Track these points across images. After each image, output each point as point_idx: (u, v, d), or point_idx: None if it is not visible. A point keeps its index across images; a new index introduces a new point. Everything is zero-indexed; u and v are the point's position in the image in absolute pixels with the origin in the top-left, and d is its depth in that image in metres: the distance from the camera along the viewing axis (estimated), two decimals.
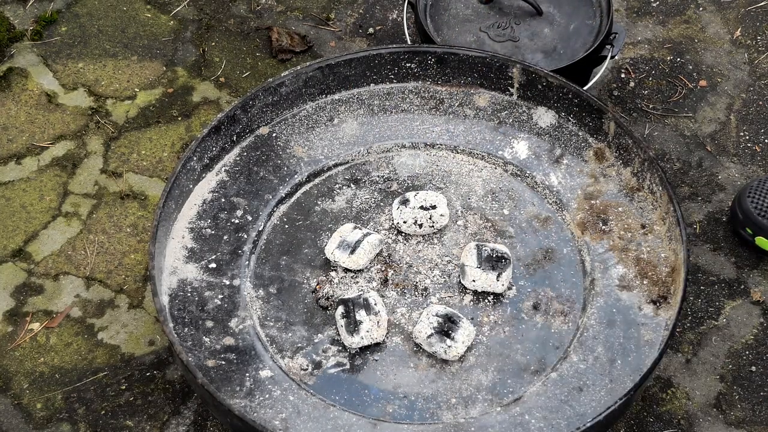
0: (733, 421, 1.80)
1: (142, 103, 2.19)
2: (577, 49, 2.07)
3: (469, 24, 2.12)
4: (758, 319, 1.90)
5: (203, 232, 1.83)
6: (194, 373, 1.58)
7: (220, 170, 1.90)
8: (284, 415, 1.65)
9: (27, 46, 2.27)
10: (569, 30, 2.10)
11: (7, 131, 2.15)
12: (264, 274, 1.80)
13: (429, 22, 2.10)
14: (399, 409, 1.66)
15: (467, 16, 2.14)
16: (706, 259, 1.97)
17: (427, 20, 2.10)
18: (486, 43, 2.10)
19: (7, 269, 1.96)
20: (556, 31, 2.11)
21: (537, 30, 2.11)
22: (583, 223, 1.84)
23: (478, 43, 2.09)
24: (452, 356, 1.70)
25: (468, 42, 2.09)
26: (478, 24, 2.12)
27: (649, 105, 2.19)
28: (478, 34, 2.10)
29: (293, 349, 1.72)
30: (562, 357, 1.71)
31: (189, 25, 2.32)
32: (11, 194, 2.06)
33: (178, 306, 1.75)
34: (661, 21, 2.33)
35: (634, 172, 1.86)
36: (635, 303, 1.75)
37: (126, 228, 2.01)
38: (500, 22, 2.12)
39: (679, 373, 1.84)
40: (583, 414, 1.64)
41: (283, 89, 1.92)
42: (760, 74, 2.24)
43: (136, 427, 1.79)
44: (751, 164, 2.10)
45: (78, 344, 1.87)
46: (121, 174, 2.08)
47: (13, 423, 1.79)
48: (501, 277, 1.75)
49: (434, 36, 2.06)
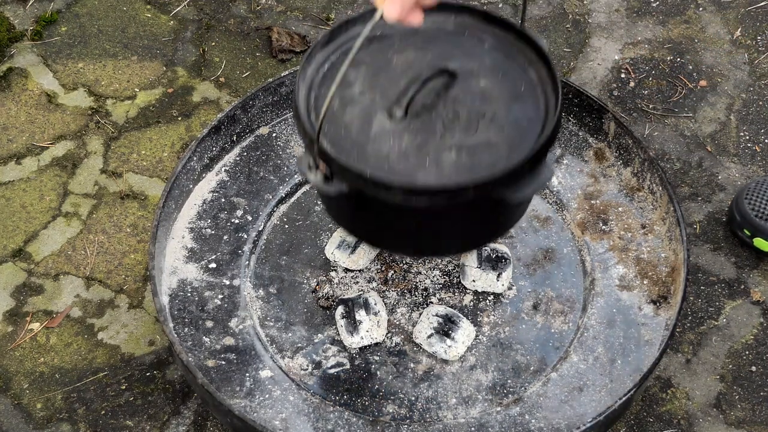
0: (733, 421, 1.80)
1: (142, 103, 2.19)
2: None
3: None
4: (758, 319, 1.90)
5: (203, 232, 1.83)
6: (194, 373, 1.58)
7: (220, 170, 1.90)
8: (284, 415, 1.65)
9: (27, 46, 2.27)
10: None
11: (7, 131, 2.14)
12: (264, 274, 1.80)
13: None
14: (399, 409, 1.66)
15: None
16: (706, 259, 1.97)
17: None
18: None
19: (7, 269, 1.96)
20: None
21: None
22: (583, 223, 1.84)
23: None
24: (452, 356, 1.70)
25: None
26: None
27: (649, 105, 2.19)
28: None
29: (293, 349, 1.72)
30: (562, 357, 1.71)
31: (189, 25, 2.32)
32: (11, 194, 2.06)
33: (178, 306, 1.75)
34: (661, 21, 2.33)
35: (634, 172, 1.86)
36: (635, 303, 1.75)
37: (126, 228, 2.01)
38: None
39: (679, 373, 1.84)
40: (583, 414, 1.64)
41: (283, 89, 1.92)
42: (760, 74, 2.24)
43: (136, 427, 1.79)
44: (751, 164, 2.10)
45: (78, 344, 1.87)
46: (121, 174, 2.08)
47: (13, 423, 1.79)
48: (501, 277, 1.75)
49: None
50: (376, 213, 1.51)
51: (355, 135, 1.47)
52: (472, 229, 1.57)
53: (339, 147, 1.45)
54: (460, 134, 1.47)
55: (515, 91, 1.53)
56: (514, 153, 1.45)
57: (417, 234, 1.56)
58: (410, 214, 1.48)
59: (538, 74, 1.54)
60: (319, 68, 1.55)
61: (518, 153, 1.45)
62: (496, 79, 1.54)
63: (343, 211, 1.58)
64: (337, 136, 1.47)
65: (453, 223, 1.53)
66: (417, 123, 1.48)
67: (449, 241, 1.60)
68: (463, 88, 1.52)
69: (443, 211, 1.46)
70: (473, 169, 1.43)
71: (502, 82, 1.54)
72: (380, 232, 1.58)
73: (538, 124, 1.49)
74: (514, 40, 1.58)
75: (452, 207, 1.44)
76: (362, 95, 1.51)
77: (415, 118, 1.48)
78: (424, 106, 1.49)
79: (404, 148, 1.45)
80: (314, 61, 1.55)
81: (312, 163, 1.44)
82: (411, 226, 1.54)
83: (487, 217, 1.55)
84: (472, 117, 1.49)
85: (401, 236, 1.58)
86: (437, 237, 1.57)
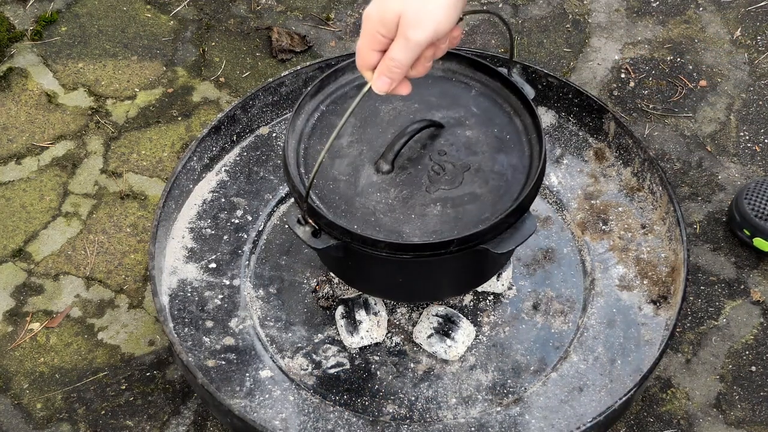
0: (733, 421, 1.80)
1: (142, 103, 2.19)
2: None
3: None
4: (758, 319, 1.90)
5: (203, 232, 1.83)
6: (194, 373, 1.58)
7: (220, 170, 1.90)
8: (284, 415, 1.65)
9: (27, 46, 2.27)
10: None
11: (7, 131, 2.14)
12: (264, 274, 1.80)
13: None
14: (399, 409, 1.66)
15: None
16: (706, 259, 1.97)
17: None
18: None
19: (7, 269, 1.96)
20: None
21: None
22: (583, 223, 1.84)
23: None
24: (452, 356, 1.70)
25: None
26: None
27: (649, 105, 2.19)
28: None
29: (293, 349, 1.72)
30: (562, 357, 1.71)
31: (189, 25, 2.32)
32: (11, 194, 2.06)
33: (178, 306, 1.75)
34: (661, 21, 2.33)
35: (634, 172, 1.86)
36: (635, 303, 1.75)
37: (126, 228, 2.01)
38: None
39: (679, 373, 1.84)
40: (583, 414, 1.64)
41: (283, 89, 1.93)
42: (760, 74, 2.24)
43: (136, 427, 1.79)
44: (751, 164, 2.10)
45: (78, 344, 1.87)
46: (121, 174, 2.08)
47: (13, 423, 1.79)
48: (501, 276, 1.75)
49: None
50: (364, 265, 1.56)
51: (343, 188, 1.52)
52: (459, 277, 1.63)
53: (327, 202, 1.51)
54: (445, 187, 1.52)
55: (501, 140, 1.57)
56: (498, 205, 1.50)
57: (405, 283, 1.61)
58: (397, 266, 1.52)
59: (523, 122, 1.59)
60: (308, 118, 1.60)
61: (502, 205, 1.50)
62: (482, 129, 1.58)
63: (333, 261, 1.63)
64: (326, 189, 1.52)
65: (440, 274, 1.57)
66: (403, 176, 1.53)
67: (437, 288, 1.65)
68: (449, 138, 1.57)
69: (429, 264, 1.51)
70: (458, 221, 1.48)
71: (488, 131, 1.58)
72: (369, 281, 1.64)
73: (522, 174, 1.53)
74: (501, 87, 1.61)
75: (437, 259, 1.48)
76: (350, 147, 1.56)
77: (402, 170, 1.53)
78: (410, 159, 1.54)
79: (391, 201, 1.51)
80: (304, 111, 1.59)
81: (301, 219, 1.48)
82: (398, 276, 1.59)
83: (474, 266, 1.60)
84: (457, 169, 1.54)
85: (390, 285, 1.64)
86: (425, 286, 1.62)
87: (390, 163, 1.52)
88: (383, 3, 1.25)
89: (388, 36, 1.26)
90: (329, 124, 1.58)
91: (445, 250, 1.46)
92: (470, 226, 1.47)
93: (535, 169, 1.52)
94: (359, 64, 1.31)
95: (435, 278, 1.59)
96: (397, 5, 1.23)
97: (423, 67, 1.30)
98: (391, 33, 1.26)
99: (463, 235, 1.45)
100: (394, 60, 1.27)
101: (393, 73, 1.28)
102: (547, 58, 2.26)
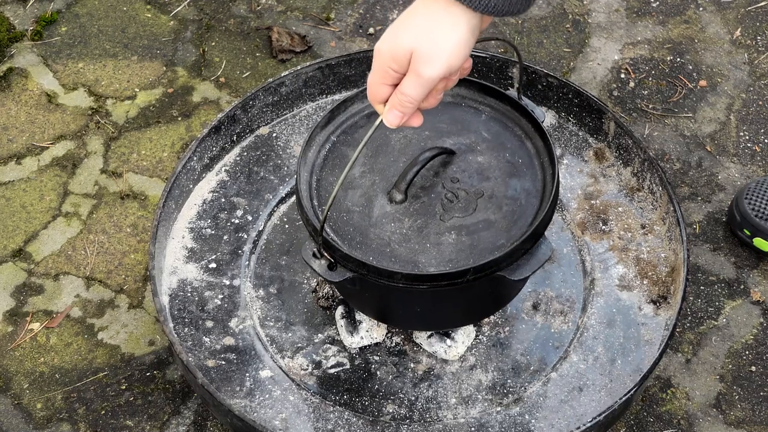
0: (733, 421, 1.80)
1: (142, 103, 2.19)
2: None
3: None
4: (758, 319, 1.91)
5: (203, 232, 1.83)
6: (194, 373, 1.58)
7: (220, 170, 1.90)
8: (284, 415, 1.65)
9: (27, 46, 2.27)
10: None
11: (7, 131, 2.15)
12: (264, 274, 1.80)
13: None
14: (399, 409, 1.66)
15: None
16: (706, 259, 1.97)
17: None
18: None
19: (7, 269, 1.96)
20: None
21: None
22: (583, 223, 1.84)
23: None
24: (452, 356, 1.70)
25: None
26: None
27: (649, 105, 2.19)
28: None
29: (293, 349, 1.72)
30: (562, 357, 1.71)
31: (189, 25, 2.32)
32: (11, 194, 2.06)
33: (178, 306, 1.75)
34: (661, 21, 2.33)
35: (634, 172, 1.86)
36: (635, 303, 1.75)
37: (126, 228, 2.01)
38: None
39: (679, 373, 1.84)
40: (583, 414, 1.64)
41: (283, 89, 1.93)
42: (760, 74, 2.24)
43: (136, 427, 1.79)
44: (750, 164, 2.10)
45: (78, 344, 1.87)
46: (121, 174, 2.08)
47: (13, 423, 1.79)
48: None
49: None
50: (381, 296, 1.57)
51: (357, 220, 1.52)
52: (478, 304, 1.63)
53: (342, 234, 1.51)
54: (459, 214, 1.52)
55: (513, 164, 1.57)
56: (513, 230, 1.50)
57: (423, 313, 1.61)
58: (414, 296, 1.52)
59: (535, 146, 1.58)
60: (320, 149, 1.60)
61: (516, 230, 1.49)
62: (494, 154, 1.58)
63: (349, 292, 1.63)
64: (340, 221, 1.52)
65: (456, 302, 1.57)
66: (417, 205, 1.53)
67: (454, 317, 1.65)
68: (461, 165, 1.57)
69: (446, 293, 1.50)
70: (473, 249, 1.48)
71: (500, 155, 1.58)
72: (386, 311, 1.64)
73: (536, 199, 1.53)
74: (511, 110, 1.61)
75: (454, 288, 1.48)
76: (362, 177, 1.56)
77: (415, 199, 1.53)
78: (423, 188, 1.54)
79: (405, 231, 1.51)
80: (315, 143, 1.59)
81: (317, 253, 1.48)
82: (416, 306, 1.59)
83: (491, 292, 1.60)
84: (470, 196, 1.54)
85: (408, 315, 1.64)
86: (443, 314, 1.63)
87: (403, 192, 1.52)
88: (394, 39, 1.25)
89: (400, 71, 1.26)
90: (341, 155, 1.58)
91: (462, 279, 1.46)
92: (486, 254, 1.47)
93: (548, 193, 1.52)
94: (371, 98, 1.31)
95: (453, 306, 1.59)
96: (409, 42, 1.24)
97: (435, 99, 1.31)
98: (402, 68, 1.26)
99: (479, 264, 1.45)
100: (405, 95, 1.27)
101: (405, 107, 1.28)
102: (546, 58, 2.26)
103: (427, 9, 1.24)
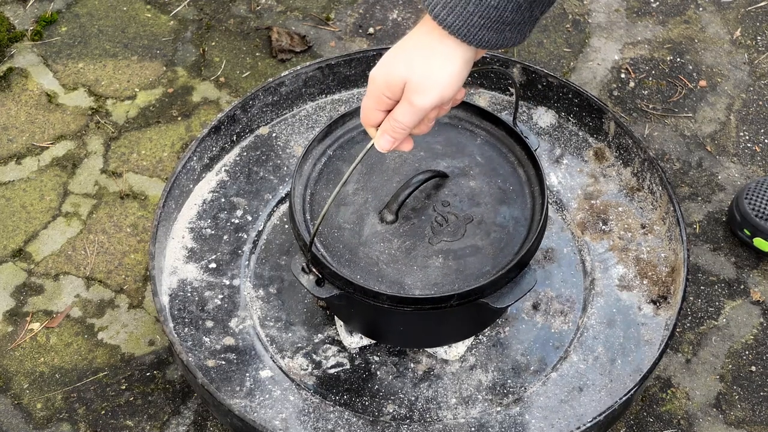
0: (733, 421, 1.80)
1: (142, 103, 2.19)
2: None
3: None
4: (758, 319, 1.91)
5: (203, 232, 1.83)
6: (194, 373, 1.58)
7: (220, 170, 1.90)
8: (284, 415, 1.65)
9: (27, 46, 2.27)
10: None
11: (7, 131, 2.15)
12: (264, 274, 1.80)
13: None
14: (399, 409, 1.66)
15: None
16: (706, 259, 1.97)
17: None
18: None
19: (7, 269, 1.96)
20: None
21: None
22: (583, 223, 1.84)
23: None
24: (452, 356, 1.70)
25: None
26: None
27: (649, 105, 2.19)
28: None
29: (293, 349, 1.72)
30: (562, 357, 1.71)
31: (189, 25, 2.32)
32: (11, 194, 2.06)
33: (178, 306, 1.75)
34: (661, 21, 2.33)
35: (634, 172, 1.86)
36: (635, 303, 1.75)
37: (126, 228, 2.01)
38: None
39: (679, 373, 1.84)
40: (583, 414, 1.64)
41: (282, 89, 1.93)
42: (760, 74, 2.24)
43: (136, 427, 1.79)
44: (750, 164, 2.10)
45: (78, 344, 1.87)
46: (121, 174, 2.08)
47: (13, 423, 1.79)
48: None
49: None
50: (366, 313, 1.59)
51: (347, 237, 1.54)
52: (460, 326, 1.65)
53: (331, 250, 1.53)
54: (447, 238, 1.54)
55: (504, 191, 1.59)
56: (499, 258, 1.52)
57: (406, 332, 1.64)
58: (398, 316, 1.54)
59: (526, 173, 1.60)
60: (315, 163, 1.61)
61: (503, 258, 1.51)
62: (486, 179, 1.60)
63: (337, 307, 1.66)
64: (330, 237, 1.54)
65: (440, 324, 1.59)
66: (407, 226, 1.55)
67: (437, 337, 1.66)
68: (452, 188, 1.59)
69: (429, 315, 1.53)
70: (459, 274, 1.50)
71: (492, 181, 1.60)
72: (372, 328, 1.66)
73: (524, 228, 1.55)
74: (506, 136, 1.62)
75: (437, 311, 1.50)
76: (355, 195, 1.58)
77: (405, 221, 1.55)
78: (414, 209, 1.56)
79: (394, 252, 1.53)
80: (311, 156, 1.61)
81: (305, 267, 1.50)
82: (399, 325, 1.61)
83: (474, 317, 1.62)
84: (460, 221, 1.56)
85: (392, 333, 1.66)
86: (425, 334, 1.65)
87: (394, 213, 1.54)
88: (389, 67, 1.27)
89: (393, 99, 1.28)
90: (336, 170, 1.60)
91: (446, 304, 1.48)
92: (471, 280, 1.49)
93: (536, 222, 1.54)
94: (364, 121, 1.33)
95: (435, 328, 1.61)
96: (403, 71, 1.26)
97: (426, 126, 1.33)
98: (396, 96, 1.28)
99: (463, 290, 1.47)
100: (398, 122, 1.29)
101: (396, 133, 1.31)
102: (546, 58, 2.26)
103: (422, 40, 1.26)
